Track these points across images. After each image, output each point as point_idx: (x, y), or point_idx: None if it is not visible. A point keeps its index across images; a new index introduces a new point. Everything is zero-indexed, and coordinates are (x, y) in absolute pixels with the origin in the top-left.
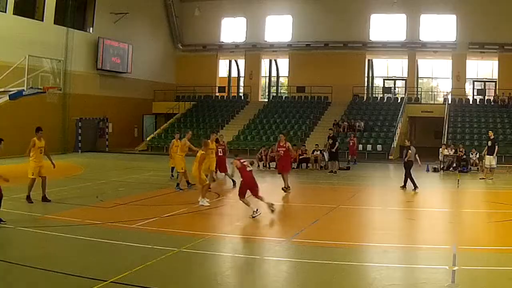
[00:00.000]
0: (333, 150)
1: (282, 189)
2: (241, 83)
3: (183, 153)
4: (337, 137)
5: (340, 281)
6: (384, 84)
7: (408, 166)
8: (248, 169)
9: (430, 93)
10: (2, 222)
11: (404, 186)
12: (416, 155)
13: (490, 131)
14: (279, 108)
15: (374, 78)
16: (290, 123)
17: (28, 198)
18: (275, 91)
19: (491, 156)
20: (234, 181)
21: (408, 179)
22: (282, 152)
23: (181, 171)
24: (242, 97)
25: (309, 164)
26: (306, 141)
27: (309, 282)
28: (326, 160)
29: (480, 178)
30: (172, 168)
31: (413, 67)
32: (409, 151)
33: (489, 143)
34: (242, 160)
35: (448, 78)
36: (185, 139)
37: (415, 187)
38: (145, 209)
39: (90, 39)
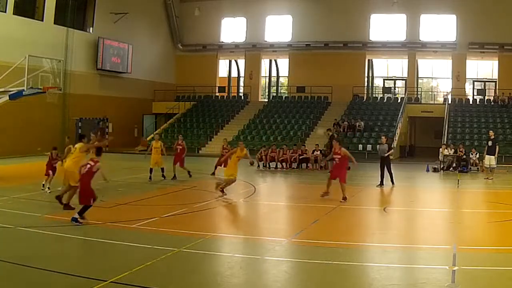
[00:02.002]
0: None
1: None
2: (241, 83)
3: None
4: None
5: (340, 281)
6: (384, 84)
7: (388, 162)
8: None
9: (430, 93)
10: (78, 223)
11: (392, 182)
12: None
13: (491, 131)
14: (279, 108)
15: (374, 78)
16: (290, 123)
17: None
18: (275, 91)
19: (492, 156)
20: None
21: (386, 174)
22: (338, 159)
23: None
24: (242, 97)
25: (309, 164)
26: (306, 141)
27: (309, 282)
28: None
29: (484, 178)
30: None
31: (413, 67)
32: (392, 150)
33: (490, 143)
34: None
35: (448, 78)
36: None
37: (381, 184)
38: (145, 209)
39: (90, 39)
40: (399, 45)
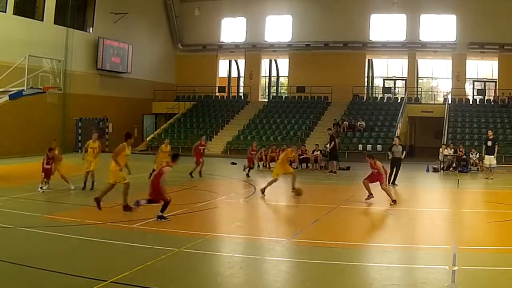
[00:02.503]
0: (328, 150)
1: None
2: (241, 83)
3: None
4: (336, 137)
5: (340, 281)
6: (384, 84)
7: (399, 163)
8: None
9: (430, 93)
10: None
11: (394, 183)
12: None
13: (490, 131)
14: (279, 108)
15: (374, 78)
16: (290, 123)
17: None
18: (275, 91)
19: (492, 156)
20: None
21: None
22: (376, 172)
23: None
24: (242, 97)
25: (309, 164)
26: (306, 141)
27: (309, 282)
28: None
29: (484, 178)
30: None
31: (413, 67)
32: (405, 151)
33: (489, 142)
34: None
35: (448, 78)
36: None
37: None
38: (145, 209)
39: (90, 39)
40: (399, 45)
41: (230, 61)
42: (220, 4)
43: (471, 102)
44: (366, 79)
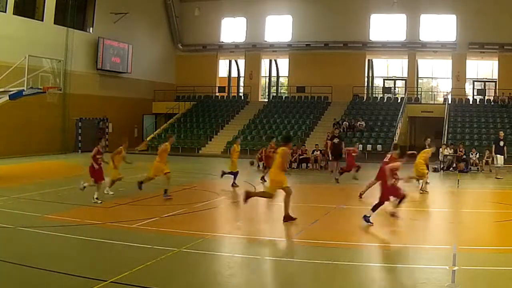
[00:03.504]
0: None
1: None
2: (241, 83)
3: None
4: (332, 137)
5: (340, 281)
6: (384, 84)
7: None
8: None
9: (430, 93)
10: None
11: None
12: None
13: (501, 132)
14: (279, 108)
15: (374, 78)
16: (290, 123)
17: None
18: (275, 91)
19: (502, 156)
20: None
21: None
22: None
23: None
24: (242, 97)
25: (309, 164)
26: (306, 141)
27: (309, 282)
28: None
29: (496, 178)
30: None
31: (413, 67)
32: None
33: (501, 143)
34: None
35: (448, 78)
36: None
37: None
38: (145, 209)
39: (90, 39)
40: (399, 45)
41: (230, 61)
42: (220, 4)
43: (471, 102)
44: (366, 79)
